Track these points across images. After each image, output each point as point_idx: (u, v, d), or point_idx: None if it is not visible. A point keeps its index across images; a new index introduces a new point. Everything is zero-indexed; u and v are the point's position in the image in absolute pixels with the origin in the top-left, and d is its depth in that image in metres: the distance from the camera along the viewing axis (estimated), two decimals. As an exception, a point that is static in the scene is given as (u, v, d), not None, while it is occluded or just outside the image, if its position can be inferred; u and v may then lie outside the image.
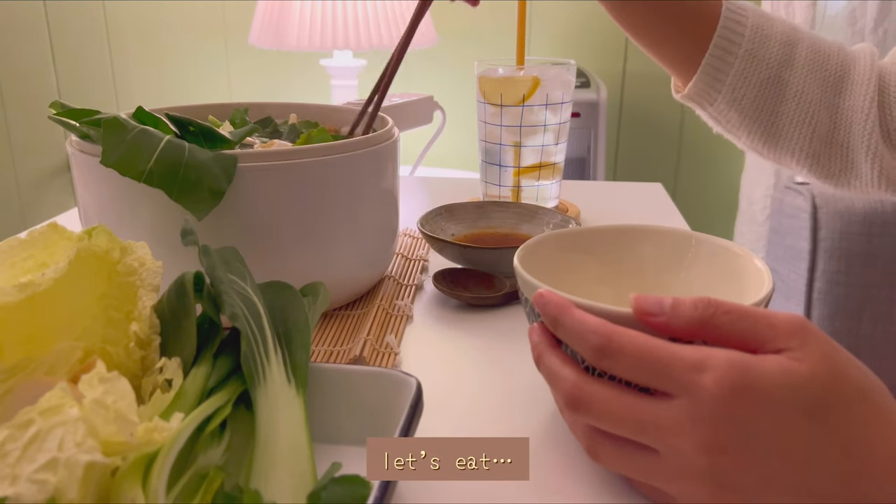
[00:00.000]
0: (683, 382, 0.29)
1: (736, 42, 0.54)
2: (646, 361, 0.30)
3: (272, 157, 0.48)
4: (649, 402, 0.30)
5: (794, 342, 0.30)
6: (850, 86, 0.54)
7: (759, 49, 0.54)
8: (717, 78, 0.55)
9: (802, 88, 0.54)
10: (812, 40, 0.56)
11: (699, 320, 0.31)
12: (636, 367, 0.31)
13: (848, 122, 0.54)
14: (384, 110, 0.85)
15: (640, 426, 0.31)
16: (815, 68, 0.55)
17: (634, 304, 0.33)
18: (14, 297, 0.31)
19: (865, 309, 1.26)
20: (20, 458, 0.25)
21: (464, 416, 0.43)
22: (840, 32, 1.38)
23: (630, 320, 0.33)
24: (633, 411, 0.31)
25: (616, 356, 0.31)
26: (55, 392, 0.27)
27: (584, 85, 1.47)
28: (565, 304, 0.34)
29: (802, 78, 0.54)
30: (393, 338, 0.50)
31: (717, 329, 0.31)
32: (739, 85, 0.54)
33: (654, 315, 0.32)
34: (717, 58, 0.54)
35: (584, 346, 0.32)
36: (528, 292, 0.38)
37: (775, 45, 0.54)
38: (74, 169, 0.51)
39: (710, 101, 0.56)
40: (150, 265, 0.37)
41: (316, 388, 0.37)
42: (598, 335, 0.31)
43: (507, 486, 0.36)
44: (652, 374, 0.30)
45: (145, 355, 0.36)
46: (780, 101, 0.55)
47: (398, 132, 0.58)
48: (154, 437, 0.28)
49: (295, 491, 0.30)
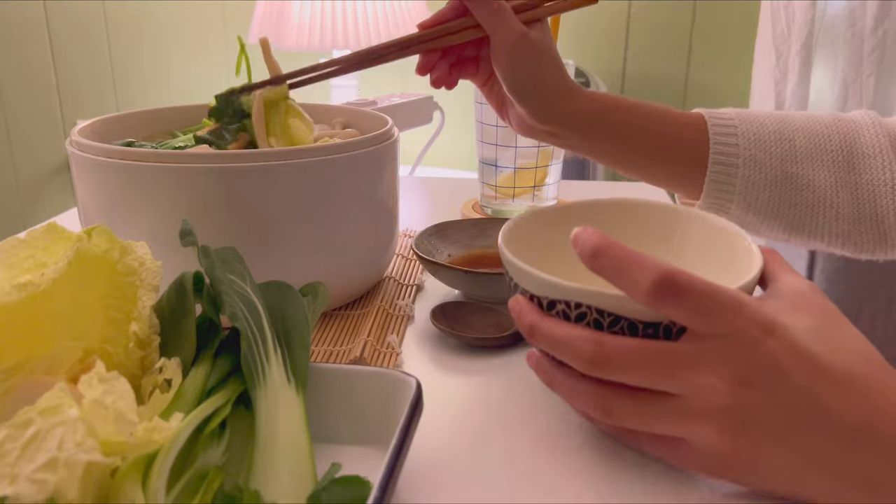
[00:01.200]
0: (723, 323, 0.31)
1: (733, 153, 0.53)
2: (706, 301, 0.31)
3: (272, 156, 0.48)
4: (677, 345, 0.32)
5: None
6: (862, 160, 0.53)
7: (758, 153, 0.53)
8: (724, 190, 0.54)
9: (812, 177, 0.53)
10: (806, 126, 0.54)
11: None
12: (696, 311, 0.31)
13: (871, 196, 0.53)
14: (384, 110, 0.85)
15: (669, 369, 0.31)
16: (817, 154, 0.53)
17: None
18: (13, 297, 0.31)
19: (865, 308, 1.26)
20: (19, 457, 0.25)
21: (464, 416, 0.43)
22: (840, 32, 1.38)
23: (618, 300, 0.33)
24: (662, 356, 0.32)
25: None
26: (54, 392, 0.27)
27: (584, 85, 1.47)
28: (538, 319, 0.35)
29: (809, 167, 0.53)
30: (394, 337, 0.50)
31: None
32: (749, 191, 0.53)
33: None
34: (719, 172, 0.53)
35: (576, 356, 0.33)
36: (512, 273, 0.38)
37: (772, 145, 0.53)
38: (74, 169, 0.51)
39: (724, 211, 0.55)
40: (149, 265, 0.37)
41: (316, 388, 0.37)
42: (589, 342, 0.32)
43: (507, 486, 0.36)
44: (706, 318, 0.31)
45: (145, 355, 0.36)
46: (794, 194, 0.53)
47: (398, 132, 0.58)
48: (154, 437, 0.28)
49: (295, 491, 0.30)
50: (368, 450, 0.37)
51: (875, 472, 0.31)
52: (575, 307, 0.34)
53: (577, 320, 0.34)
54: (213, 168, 0.47)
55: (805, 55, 1.38)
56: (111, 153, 0.48)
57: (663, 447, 0.35)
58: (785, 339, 0.31)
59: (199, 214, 0.47)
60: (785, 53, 1.41)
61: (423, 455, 0.38)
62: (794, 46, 1.38)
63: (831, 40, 1.40)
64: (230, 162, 0.47)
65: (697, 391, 0.31)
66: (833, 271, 1.26)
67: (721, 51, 1.61)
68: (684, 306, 0.31)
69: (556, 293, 0.34)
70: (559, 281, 0.34)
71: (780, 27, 1.41)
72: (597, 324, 0.34)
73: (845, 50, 1.37)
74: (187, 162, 0.47)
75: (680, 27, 1.63)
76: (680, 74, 1.66)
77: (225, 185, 0.47)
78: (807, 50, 1.38)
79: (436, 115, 0.95)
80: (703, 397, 0.31)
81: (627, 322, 0.33)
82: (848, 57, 1.37)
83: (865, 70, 1.35)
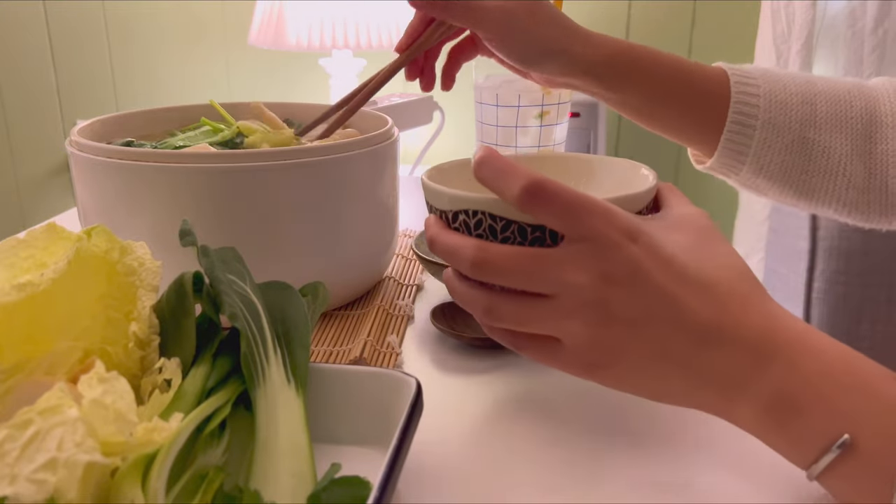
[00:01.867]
0: (589, 227, 0.33)
1: (752, 115, 0.53)
2: (571, 210, 0.34)
3: (272, 156, 0.48)
4: (549, 250, 0.34)
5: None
6: (880, 130, 0.53)
7: (778, 116, 0.52)
8: (739, 151, 0.54)
9: (829, 144, 0.53)
10: (829, 90, 0.54)
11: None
12: (560, 216, 0.34)
13: (884, 166, 0.53)
14: (384, 110, 0.85)
15: (541, 271, 0.34)
16: (838, 121, 0.53)
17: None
18: (13, 297, 0.31)
19: (865, 309, 1.26)
20: (19, 457, 0.25)
21: (464, 416, 0.42)
22: (840, 32, 1.38)
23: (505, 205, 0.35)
24: (535, 259, 0.34)
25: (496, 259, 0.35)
26: (54, 392, 0.27)
27: (584, 85, 1.46)
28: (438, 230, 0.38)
29: (827, 133, 0.53)
30: (394, 338, 0.50)
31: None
32: (763, 154, 0.53)
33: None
34: (736, 133, 0.53)
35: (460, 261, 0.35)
36: (427, 195, 0.40)
37: (793, 108, 0.53)
38: (74, 169, 0.51)
39: (735, 172, 0.55)
40: (149, 265, 0.37)
41: (316, 388, 0.37)
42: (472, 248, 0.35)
43: (508, 485, 0.36)
44: (572, 222, 0.34)
45: (144, 355, 0.36)
46: (808, 161, 0.53)
47: (398, 132, 0.58)
48: (153, 437, 0.28)
49: (294, 491, 0.30)
50: (368, 450, 0.37)
51: (724, 371, 0.33)
52: (472, 215, 0.37)
53: (476, 227, 0.37)
54: (213, 168, 0.47)
55: (805, 55, 1.38)
56: (111, 153, 0.48)
57: (540, 348, 0.37)
58: (647, 244, 0.34)
59: (198, 214, 0.47)
60: (785, 53, 1.41)
61: (423, 455, 0.38)
62: (795, 46, 1.38)
63: (831, 40, 1.40)
64: (230, 162, 0.47)
65: (567, 290, 0.34)
66: (833, 272, 1.26)
67: (721, 51, 1.61)
68: (552, 211, 0.34)
69: (456, 204, 0.37)
70: (457, 192, 0.37)
71: (780, 27, 1.41)
72: (491, 230, 0.36)
73: (845, 50, 1.37)
74: (187, 162, 0.47)
75: (680, 27, 1.63)
76: (680, 74, 1.66)
77: (225, 185, 0.47)
78: (807, 50, 1.38)
79: (436, 115, 0.95)
80: (572, 295, 0.34)
81: (517, 226, 0.36)
82: (848, 57, 1.37)
83: (865, 70, 1.35)
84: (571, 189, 0.34)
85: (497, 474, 0.37)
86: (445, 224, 0.38)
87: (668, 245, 0.34)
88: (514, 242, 0.36)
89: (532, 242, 0.36)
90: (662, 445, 0.39)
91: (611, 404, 0.43)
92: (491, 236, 0.36)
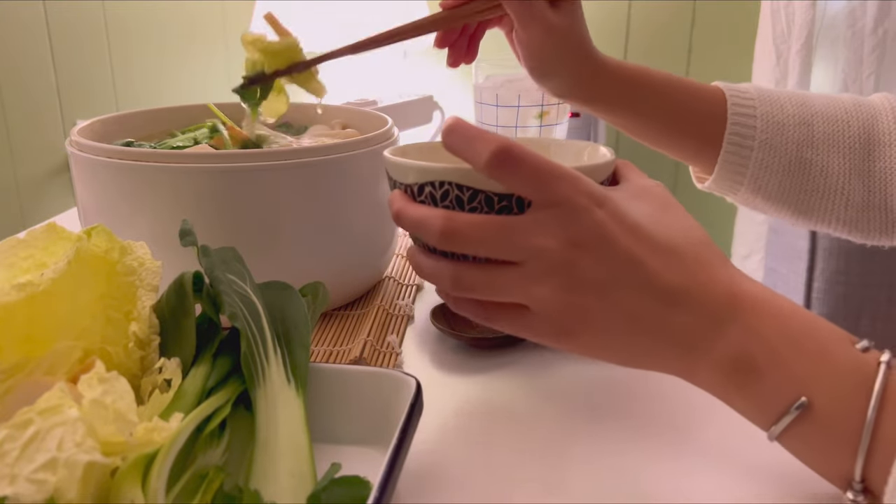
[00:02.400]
0: (557, 192, 0.34)
1: (749, 136, 0.53)
2: (538, 175, 0.34)
3: (272, 156, 0.48)
4: (517, 217, 0.35)
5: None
6: (878, 148, 0.53)
7: (775, 137, 0.53)
8: (736, 171, 0.54)
9: (827, 163, 0.53)
10: (826, 110, 0.54)
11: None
12: (528, 182, 0.34)
13: (883, 184, 0.53)
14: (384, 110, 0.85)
15: (508, 238, 0.34)
16: (835, 140, 0.53)
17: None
18: (13, 297, 0.31)
19: (865, 308, 1.26)
20: (19, 457, 0.25)
21: (464, 416, 0.42)
22: (840, 33, 1.38)
23: (471, 174, 0.35)
24: (503, 226, 0.34)
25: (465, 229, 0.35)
26: (54, 392, 0.27)
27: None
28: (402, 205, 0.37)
29: (825, 153, 0.53)
30: (394, 338, 0.50)
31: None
32: (761, 174, 0.53)
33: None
34: (733, 153, 0.53)
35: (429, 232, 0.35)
36: (389, 170, 0.40)
37: (790, 129, 0.53)
38: (74, 169, 0.51)
39: (733, 191, 0.55)
40: (149, 265, 0.37)
41: (315, 388, 0.37)
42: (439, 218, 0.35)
43: (508, 485, 0.36)
44: (541, 187, 0.34)
45: (144, 355, 0.36)
46: (806, 181, 0.53)
47: (398, 132, 0.58)
48: (153, 437, 0.28)
49: (294, 491, 0.30)
50: (368, 450, 0.37)
51: (688, 330, 0.34)
52: (439, 186, 0.37)
53: (443, 199, 0.37)
54: (213, 168, 0.47)
55: (805, 55, 1.38)
56: (111, 153, 0.48)
57: (509, 317, 0.37)
58: (613, 210, 0.34)
59: (198, 214, 0.47)
60: (785, 53, 1.41)
61: (423, 455, 0.38)
62: (795, 46, 1.38)
63: (831, 40, 1.40)
64: (230, 162, 0.47)
65: (534, 255, 0.34)
66: (833, 272, 1.26)
67: (721, 51, 1.61)
68: (520, 175, 0.34)
69: (422, 176, 0.37)
70: (423, 163, 0.37)
71: (780, 27, 1.41)
72: (458, 201, 0.36)
73: (845, 50, 1.37)
74: (187, 162, 0.47)
75: (680, 27, 1.63)
76: (680, 74, 1.66)
77: (225, 185, 0.47)
78: (807, 50, 1.38)
79: (436, 115, 0.95)
80: (539, 260, 0.34)
81: (484, 196, 0.36)
82: (848, 57, 1.37)
83: (865, 70, 1.35)
84: (539, 155, 0.34)
85: (497, 474, 0.37)
86: (411, 198, 0.38)
87: (632, 211, 0.35)
88: (480, 212, 0.36)
89: (499, 212, 0.36)
90: (664, 445, 0.39)
91: (612, 403, 0.43)
92: (458, 207, 0.36)
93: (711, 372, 0.34)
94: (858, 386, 0.31)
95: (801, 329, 0.33)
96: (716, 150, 0.54)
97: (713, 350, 0.34)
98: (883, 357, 0.32)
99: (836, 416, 0.32)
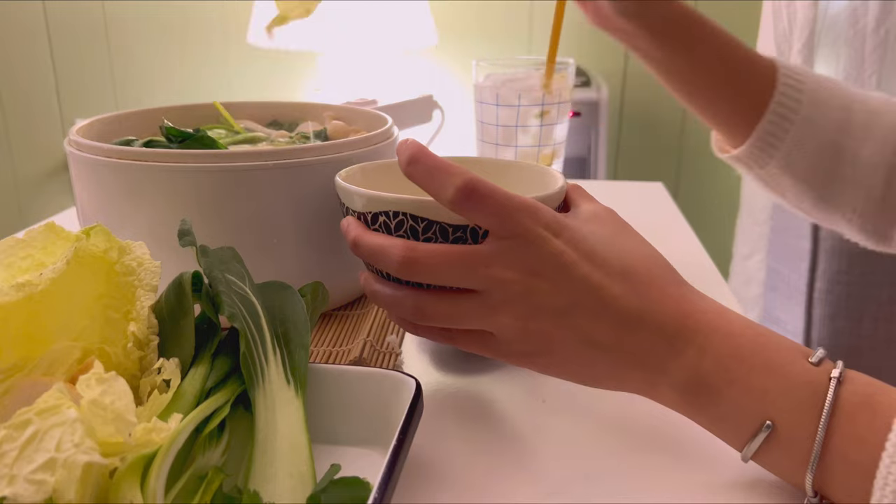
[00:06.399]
0: (518, 224, 0.34)
1: (794, 108, 0.53)
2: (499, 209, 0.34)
3: (272, 156, 0.47)
4: (478, 247, 0.35)
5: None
6: None
7: (817, 115, 0.53)
8: (772, 143, 0.54)
9: (858, 152, 0.53)
10: (866, 100, 0.54)
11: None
12: (491, 216, 0.35)
13: None
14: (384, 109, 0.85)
15: (470, 268, 0.35)
16: (870, 130, 0.53)
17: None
18: (12, 297, 0.31)
19: (867, 309, 1.26)
20: (18, 458, 0.25)
21: (464, 416, 0.42)
22: (841, 32, 1.38)
23: (432, 206, 0.36)
24: (464, 256, 0.35)
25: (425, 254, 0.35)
26: (53, 392, 0.26)
27: (585, 84, 1.46)
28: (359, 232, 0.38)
29: (858, 141, 0.53)
30: (394, 338, 0.50)
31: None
32: (795, 150, 0.53)
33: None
34: (774, 123, 0.53)
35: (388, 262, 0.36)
36: (342, 196, 0.41)
37: (832, 110, 0.53)
38: (72, 168, 0.51)
39: (761, 164, 0.55)
40: (148, 265, 0.37)
41: (315, 388, 0.37)
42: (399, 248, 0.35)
43: (508, 486, 0.36)
44: (502, 221, 0.34)
45: (143, 355, 0.35)
46: (836, 166, 0.53)
47: (398, 131, 0.58)
48: (152, 437, 0.28)
49: (294, 492, 0.30)
50: (368, 450, 0.37)
51: (645, 352, 0.35)
52: (394, 216, 0.37)
53: (397, 228, 0.37)
54: (213, 168, 0.47)
55: (807, 54, 1.38)
56: (110, 153, 0.48)
57: (475, 342, 0.38)
58: (570, 239, 0.35)
59: (197, 214, 0.46)
60: (786, 52, 1.41)
61: (423, 455, 0.38)
62: (796, 46, 1.38)
63: (833, 39, 1.40)
64: (229, 162, 0.47)
65: (496, 285, 0.35)
66: (835, 272, 1.26)
67: (722, 50, 1.61)
68: (485, 210, 0.34)
69: (376, 206, 0.38)
70: (377, 193, 0.37)
71: (781, 26, 1.41)
72: (412, 231, 0.37)
73: (847, 49, 1.37)
74: (186, 162, 0.47)
75: (680, 27, 1.63)
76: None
77: (224, 184, 0.47)
78: (808, 49, 1.37)
79: (436, 115, 0.95)
80: (500, 289, 0.35)
81: (439, 226, 0.36)
82: (850, 56, 1.36)
83: (867, 70, 1.35)
84: (501, 188, 0.35)
85: (497, 475, 0.37)
86: (364, 225, 0.39)
87: (588, 238, 0.36)
88: (435, 241, 0.36)
89: (454, 241, 0.36)
90: (664, 447, 0.39)
91: (612, 405, 0.43)
92: (412, 236, 0.37)
93: (672, 392, 0.35)
94: (810, 400, 0.32)
95: (751, 346, 0.34)
96: (751, 117, 0.53)
97: (669, 371, 0.34)
98: (834, 372, 0.32)
99: (790, 431, 0.32)
